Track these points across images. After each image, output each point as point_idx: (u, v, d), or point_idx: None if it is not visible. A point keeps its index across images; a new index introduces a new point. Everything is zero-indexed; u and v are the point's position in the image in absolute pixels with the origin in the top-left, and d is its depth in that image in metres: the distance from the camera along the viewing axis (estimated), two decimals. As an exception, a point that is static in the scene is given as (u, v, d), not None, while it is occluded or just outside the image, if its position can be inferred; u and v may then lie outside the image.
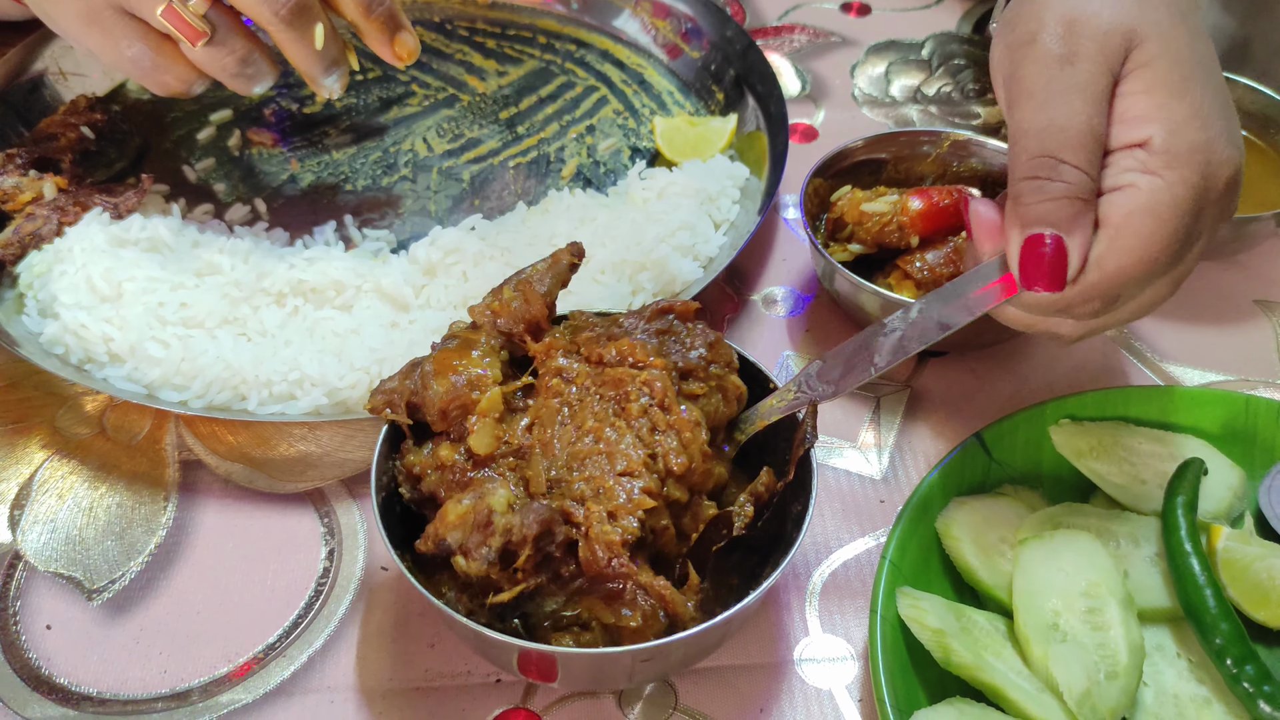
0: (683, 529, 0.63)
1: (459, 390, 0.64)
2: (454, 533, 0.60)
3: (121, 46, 0.84)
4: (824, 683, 0.70)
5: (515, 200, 1.02)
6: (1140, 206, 0.60)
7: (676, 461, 0.61)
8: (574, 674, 0.64)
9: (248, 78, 0.87)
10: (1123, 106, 0.62)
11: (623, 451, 0.61)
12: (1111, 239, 0.60)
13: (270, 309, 0.85)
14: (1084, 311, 0.63)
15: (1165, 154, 0.60)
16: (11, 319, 0.87)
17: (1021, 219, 0.61)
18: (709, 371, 0.66)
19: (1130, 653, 0.64)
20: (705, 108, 1.13)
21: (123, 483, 0.80)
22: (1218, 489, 0.74)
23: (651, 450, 0.62)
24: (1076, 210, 0.60)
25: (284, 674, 0.70)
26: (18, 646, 0.71)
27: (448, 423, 0.64)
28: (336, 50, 0.88)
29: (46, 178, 0.94)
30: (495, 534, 0.58)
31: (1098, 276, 0.61)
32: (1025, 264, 0.61)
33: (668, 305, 0.67)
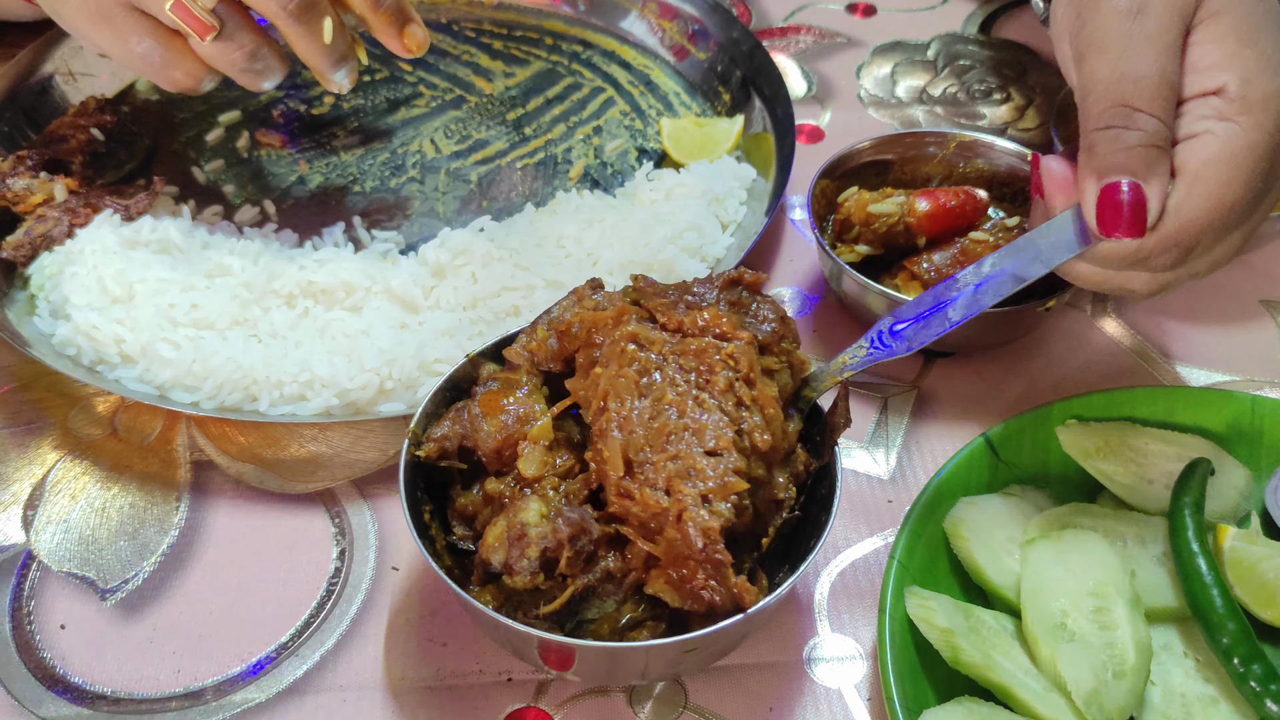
0: (758, 508, 0.61)
1: (510, 427, 0.64)
2: (495, 554, 0.60)
3: (131, 43, 0.85)
4: (833, 682, 0.70)
5: (523, 201, 1.02)
6: (1217, 153, 0.60)
7: (762, 439, 0.60)
8: (590, 664, 0.64)
9: (256, 73, 0.87)
10: (1195, 55, 0.63)
11: (711, 427, 0.59)
12: (1190, 186, 0.60)
13: (280, 310, 0.85)
14: (1161, 263, 0.63)
15: (1240, 101, 0.60)
16: (23, 320, 0.87)
17: (1097, 168, 0.61)
18: (780, 346, 0.65)
19: (1138, 652, 0.64)
20: (712, 109, 1.13)
21: (135, 483, 0.80)
22: (1224, 489, 0.75)
23: (738, 426, 0.60)
24: (1154, 158, 0.60)
25: (296, 673, 0.70)
26: (33, 646, 0.71)
27: (502, 461, 0.65)
28: (345, 45, 0.88)
29: (57, 179, 0.95)
30: (531, 544, 0.59)
31: (1176, 224, 0.60)
32: (1103, 212, 0.61)
33: (737, 275, 0.66)
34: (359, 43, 0.92)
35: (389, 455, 0.82)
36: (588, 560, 0.60)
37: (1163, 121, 0.61)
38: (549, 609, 0.60)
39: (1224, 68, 0.62)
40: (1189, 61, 0.63)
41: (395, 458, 0.82)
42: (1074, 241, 0.64)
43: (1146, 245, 0.61)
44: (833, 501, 0.63)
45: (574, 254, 0.90)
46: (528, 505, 0.61)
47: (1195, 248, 0.62)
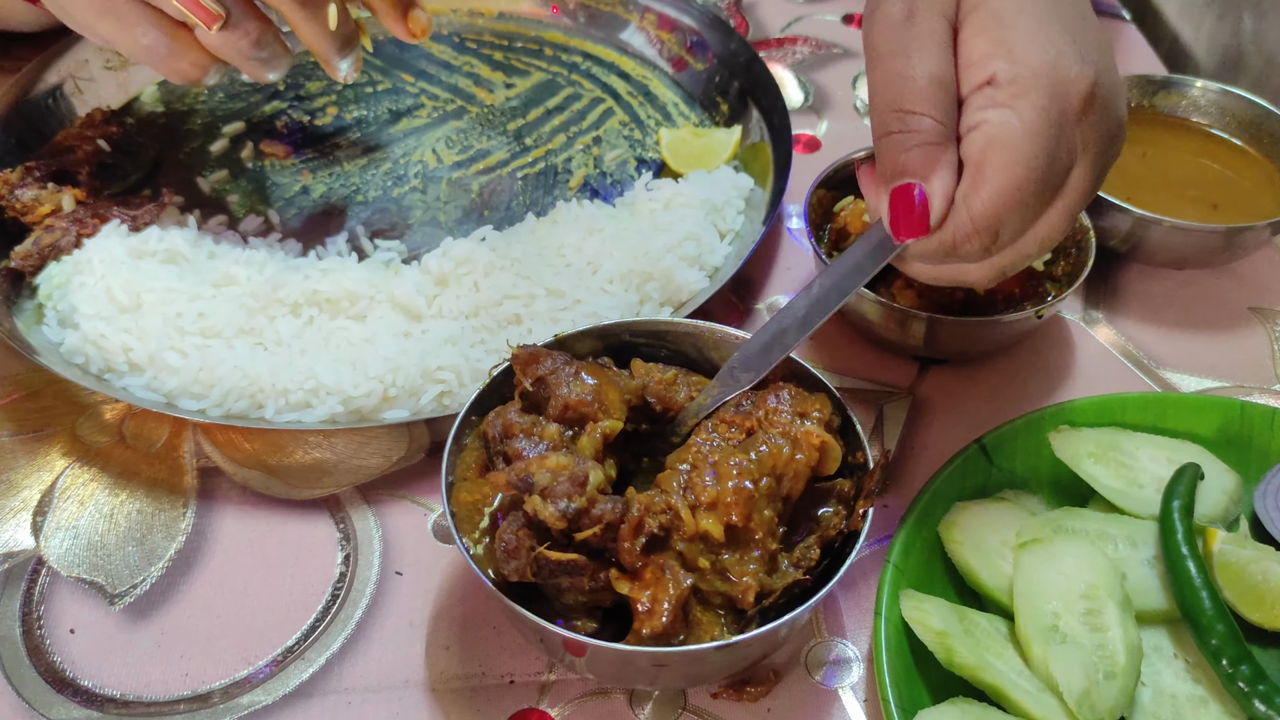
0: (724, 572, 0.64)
1: (592, 399, 0.67)
2: (544, 474, 0.62)
3: (136, 34, 0.86)
4: (830, 684, 0.71)
5: (524, 211, 1.03)
6: (992, 139, 0.61)
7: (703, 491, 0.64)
8: (601, 661, 0.65)
9: (262, 61, 0.88)
10: (965, 51, 0.64)
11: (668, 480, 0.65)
12: (973, 176, 0.61)
13: (286, 319, 0.86)
14: (970, 250, 0.63)
15: (1010, 85, 0.61)
16: (31, 329, 0.88)
17: (883, 174, 0.63)
18: (771, 421, 0.68)
19: (1128, 653, 0.65)
20: (710, 119, 1.15)
21: (142, 489, 0.82)
22: (1214, 493, 0.76)
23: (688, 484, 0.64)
24: (930, 156, 0.61)
25: (302, 676, 0.71)
26: (42, 650, 0.72)
27: (563, 416, 0.67)
28: (349, 30, 0.90)
29: (65, 190, 0.96)
30: (583, 496, 0.61)
31: (966, 215, 0.62)
32: (894, 216, 0.62)
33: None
34: (363, 30, 0.93)
35: (393, 461, 0.83)
36: (595, 552, 0.62)
37: (936, 120, 0.62)
38: (546, 551, 0.61)
39: (991, 56, 0.62)
40: (961, 58, 0.64)
41: (399, 464, 0.83)
42: (884, 247, 0.65)
43: (945, 239, 0.62)
44: (842, 563, 0.64)
45: (574, 263, 0.91)
46: (596, 467, 0.63)
47: (999, 231, 0.63)
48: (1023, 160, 0.60)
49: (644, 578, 0.62)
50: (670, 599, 0.61)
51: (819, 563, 0.66)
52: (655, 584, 0.61)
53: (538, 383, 0.68)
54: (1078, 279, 0.86)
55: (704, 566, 0.62)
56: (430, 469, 0.83)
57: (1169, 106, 1.07)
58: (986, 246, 0.63)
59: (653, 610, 0.61)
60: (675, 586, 0.61)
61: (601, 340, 0.75)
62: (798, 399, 0.69)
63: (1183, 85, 1.06)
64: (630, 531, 0.61)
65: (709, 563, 0.63)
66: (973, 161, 0.62)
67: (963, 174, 0.62)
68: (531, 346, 0.70)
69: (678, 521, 0.62)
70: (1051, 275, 0.90)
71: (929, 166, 0.61)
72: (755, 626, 0.62)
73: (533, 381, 0.69)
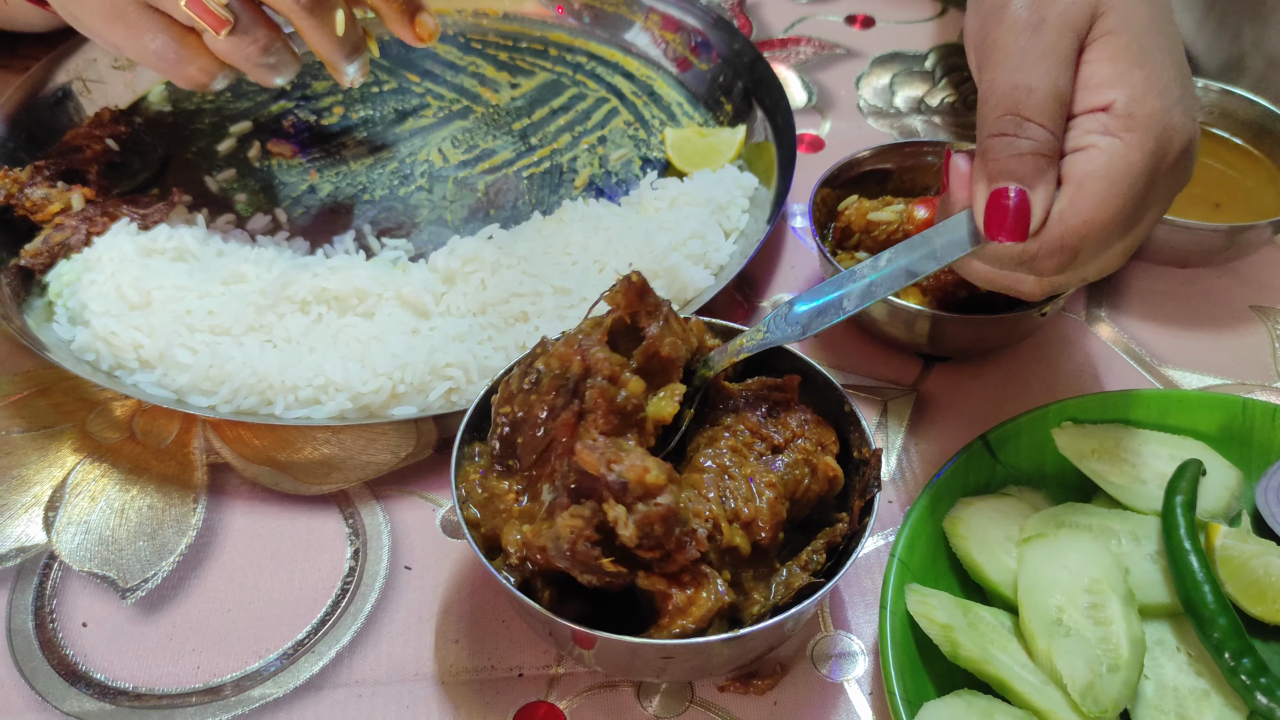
0: (741, 586, 0.64)
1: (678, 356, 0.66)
2: (639, 486, 0.58)
3: (145, 40, 0.87)
4: (836, 677, 0.72)
5: (529, 210, 1.04)
6: (1100, 166, 0.62)
7: (745, 508, 0.64)
8: (609, 654, 0.65)
9: (270, 67, 0.89)
10: (1087, 72, 0.65)
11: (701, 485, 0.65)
12: (1073, 195, 0.63)
13: (295, 316, 0.87)
14: (1046, 266, 0.65)
15: (1126, 118, 0.63)
16: (42, 326, 0.89)
17: (988, 173, 0.64)
18: (797, 446, 0.68)
19: (1131, 647, 0.66)
20: (714, 119, 1.15)
21: (153, 485, 0.82)
22: (1216, 489, 0.77)
23: (722, 494, 0.65)
24: (1040, 166, 0.63)
25: (313, 669, 0.72)
26: (55, 643, 0.73)
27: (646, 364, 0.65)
28: (357, 36, 0.91)
29: (74, 189, 0.97)
30: (672, 536, 0.58)
31: (1059, 230, 0.63)
32: (990, 215, 0.63)
33: (767, 383, 0.71)
34: (370, 35, 0.94)
35: (401, 457, 0.84)
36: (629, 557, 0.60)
37: (1051, 132, 0.63)
38: (614, 569, 0.59)
39: (1113, 85, 0.64)
40: (1081, 77, 0.66)
41: (407, 460, 0.84)
42: (966, 241, 0.66)
43: (1030, 249, 0.64)
44: (847, 559, 0.64)
45: (580, 261, 0.92)
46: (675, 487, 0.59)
47: (1079, 253, 0.64)
48: (1122, 193, 0.62)
49: (681, 579, 0.61)
50: (709, 608, 0.60)
51: (825, 564, 0.67)
52: (695, 586, 0.61)
53: (634, 318, 0.66)
54: (1081, 277, 0.86)
55: (725, 578, 0.63)
56: (438, 465, 0.84)
57: (1171, 106, 1.07)
58: (1064, 265, 0.65)
59: (688, 611, 0.60)
60: (714, 597, 0.60)
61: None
62: (816, 428, 0.70)
63: (1184, 85, 1.07)
64: (684, 553, 0.60)
65: (730, 575, 0.63)
66: (1074, 180, 0.63)
67: (1060, 189, 0.63)
68: (642, 278, 0.67)
69: (717, 533, 0.62)
70: (1054, 273, 0.90)
71: (1037, 176, 0.63)
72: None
73: (631, 315, 0.66)
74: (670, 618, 0.61)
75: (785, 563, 0.67)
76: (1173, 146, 0.64)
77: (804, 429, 0.69)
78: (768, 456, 0.68)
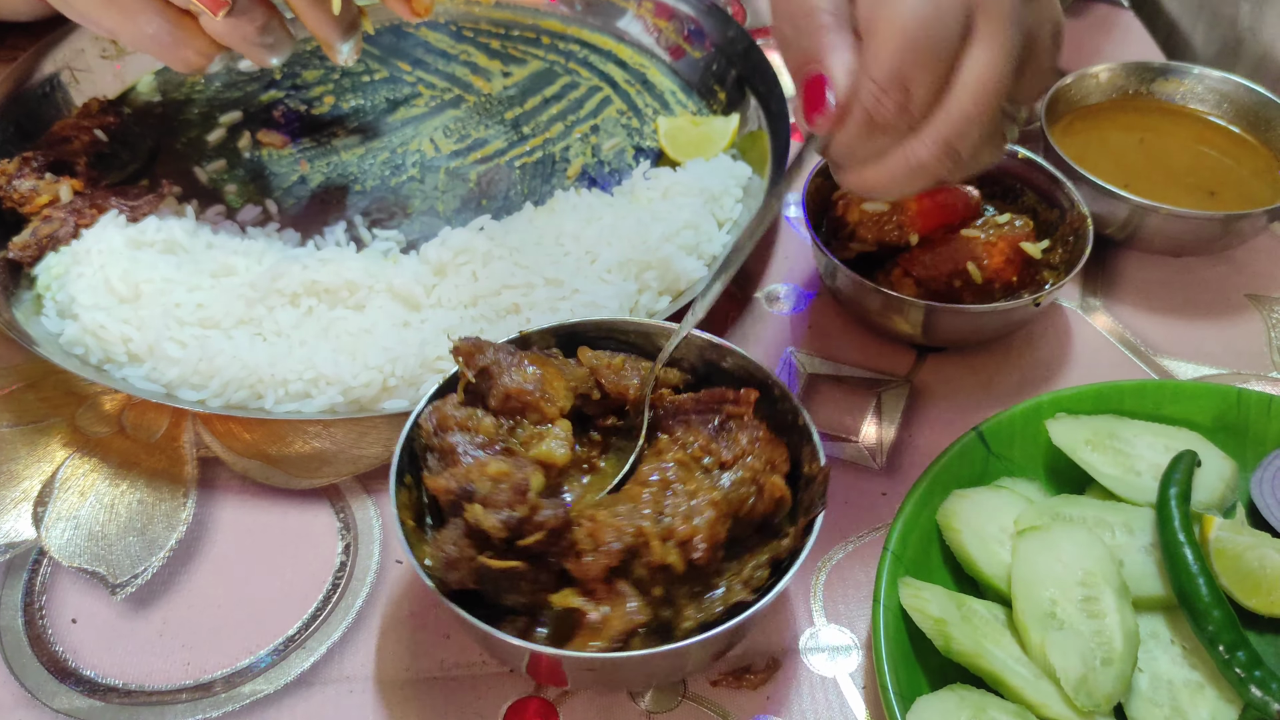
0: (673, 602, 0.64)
1: (534, 387, 0.67)
2: (485, 482, 0.61)
3: (140, 24, 0.86)
4: (828, 671, 0.72)
5: (522, 200, 1.03)
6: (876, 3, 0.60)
7: (682, 526, 0.63)
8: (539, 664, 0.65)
9: (267, 47, 0.89)
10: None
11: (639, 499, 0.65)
12: (869, 36, 0.61)
13: (285, 309, 0.86)
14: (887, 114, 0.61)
15: None
16: (30, 320, 0.88)
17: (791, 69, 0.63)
18: (746, 464, 0.67)
19: (1125, 640, 0.65)
20: (707, 107, 1.15)
21: (143, 480, 0.82)
22: (1210, 480, 0.76)
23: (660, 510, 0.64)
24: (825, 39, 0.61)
25: (304, 665, 0.72)
26: (44, 640, 0.73)
27: (504, 406, 0.67)
28: (352, 15, 0.90)
29: (62, 180, 0.96)
30: (525, 504, 0.61)
31: (868, 78, 0.60)
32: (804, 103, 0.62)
33: (721, 395, 0.71)
34: (364, 14, 0.93)
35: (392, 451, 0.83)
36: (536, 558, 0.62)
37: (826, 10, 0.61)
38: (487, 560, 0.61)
39: None
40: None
41: (399, 454, 0.84)
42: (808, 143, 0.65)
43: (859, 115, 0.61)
44: (781, 581, 0.64)
45: (573, 252, 0.91)
46: (536, 472, 0.63)
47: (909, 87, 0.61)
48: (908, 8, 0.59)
49: (596, 593, 0.62)
50: (620, 628, 0.61)
51: (767, 580, 0.66)
52: (610, 602, 0.61)
53: (481, 374, 0.68)
54: (1075, 266, 0.86)
55: (657, 594, 0.63)
56: (430, 458, 0.84)
57: (1167, 93, 1.07)
58: (902, 104, 0.61)
59: (601, 630, 0.61)
60: (626, 618, 0.61)
61: (561, 338, 0.75)
62: (767, 446, 0.69)
63: (1181, 72, 1.06)
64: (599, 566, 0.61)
65: (661, 591, 0.63)
66: (864, 31, 0.61)
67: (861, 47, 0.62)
68: (473, 339, 0.69)
69: (645, 550, 0.62)
70: (1049, 263, 0.90)
71: (823, 49, 0.61)
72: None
73: (476, 373, 0.68)
74: (584, 636, 0.61)
75: (728, 575, 0.66)
76: None
77: (754, 446, 0.68)
78: (715, 473, 0.67)
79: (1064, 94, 1.05)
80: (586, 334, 0.75)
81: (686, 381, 0.74)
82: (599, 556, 0.61)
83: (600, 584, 0.62)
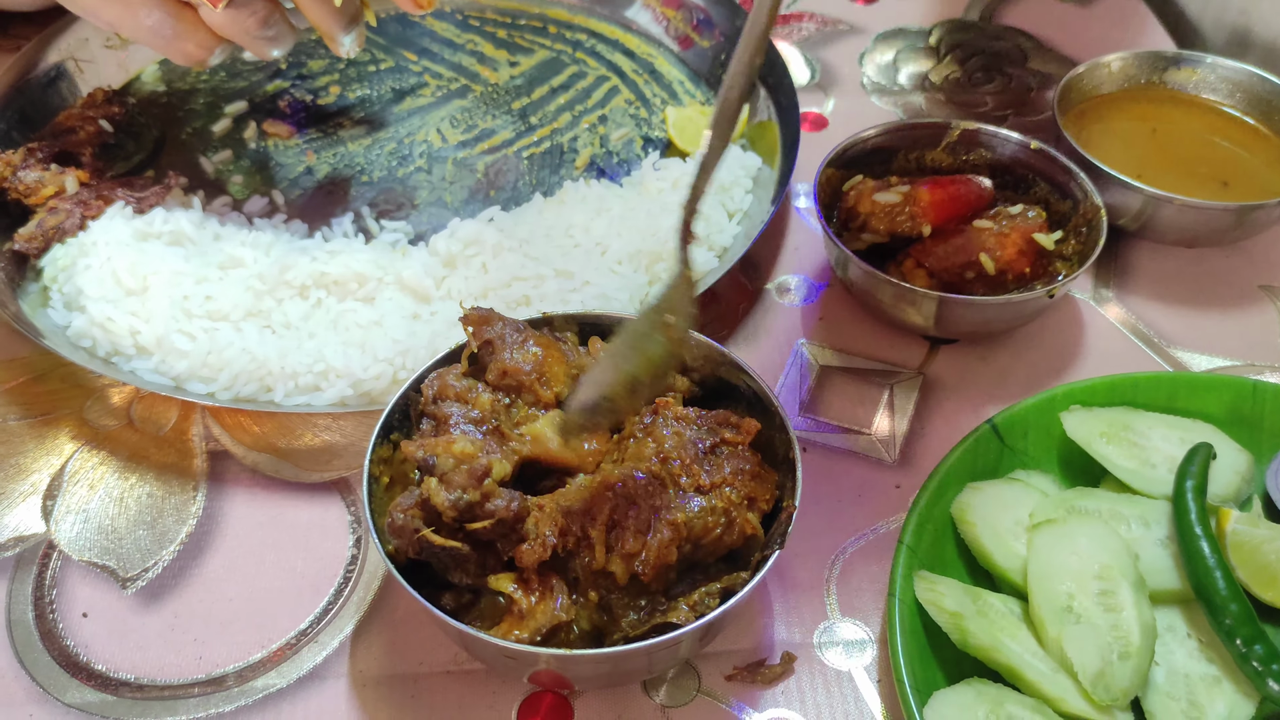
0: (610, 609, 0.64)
1: (531, 368, 0.68)
2: (447, 459, 0.62)
3: (140, 16, 0.85)
4: (843, 665, 0.71)
5: (530, 191, 1.03)
6: None
7: (633, 541, 0.63)
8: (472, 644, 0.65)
9: (268, 39, 0.88)
10: None
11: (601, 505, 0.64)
12: None
13: (294, 301, 0.86)
14: None
15: None
16: (37, 312, 0.88)
17: None
18: (723, 494, 0.65)
19: (1142, 633, 0.65)
20: (716, 97, 1.14)
21: (152, 473, 0.81)
22: (1226, 473, 0.76)
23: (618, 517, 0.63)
24: None
25: (316, 659, 0.71)
26: (55, 634, 0.72)
27: (500, 381, 0.68)
28: (354, 7, 0.89)
29: (68, 172, 0.95)
30: (478, 490, 0.61)
31: None
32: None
33: (724, 418, 0.69)
34: (367, 5, 0.93)
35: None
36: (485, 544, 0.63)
37: None
38: (428, 534, 0.61)
39: None
40: None
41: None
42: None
43: None
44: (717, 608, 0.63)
45: (583, 244, 0.91)
46: (502, 461, 0.63)
47: None
48: None
49: (530, 583, 0.62)
50: (542, 622, 0.61)
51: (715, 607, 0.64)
52: (539, 595, 0.62)
53: (485, 346, 0.68)
54: (1089, 258, 0.85)
55: (592, 599, 0.63)
56: (440, 451, 0.83)
57: (1179, 83, 1.06)
58: None
59: (525, 621, 0.61)
60: (550, 614, 0.61)
61: (585, 327, 0.75)
62: (752, 481, 0.67)
63: (1193, 61, 1.05)
64: (533, 555, 0.61)
65: (598, 596, 0.63)
66: None
67: None
68: (486, 309, 0.70)
69: (589, 554, 0.62)
70: (1062, 254, 0.89)
71: None
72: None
73: (480, 344, 0.68)
74: (512, 622, 0.62)
75: (680, 598, 0.64)
76: None
77: (737, 479, 0.66)
78: (689, 495, 0.65)
79: (1076, 84, 1.04)
80: (610, 328, 0.74)
81: (693, 394, 0.73)
82: (534, 546, 0.61)
83: (534, 574, 0.62)
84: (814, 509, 0.79)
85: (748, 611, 0.74)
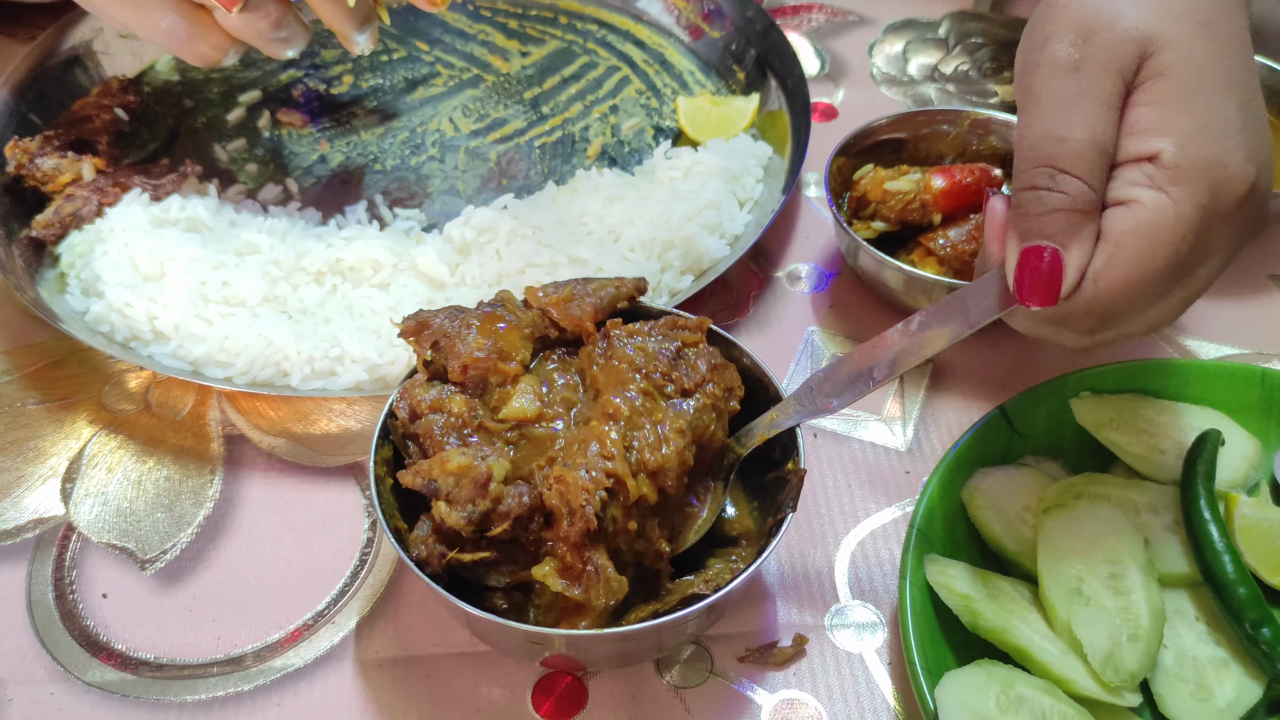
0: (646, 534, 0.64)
1: (489, 353, 0.67)
2: (448, 479, 0.61)
3: (155, 18, 0.86)
4: (854, 647, 0.72)
5: (542, 180, 1.03)
6: (1140, 224, 0.58)
7: (651, 457, 0.63)
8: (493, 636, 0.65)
9: (282, 41, 0.89)
10: (1133, 117, 0.60)
11: (607, 437, 0.63)
12: (1110, 255, 0.59)
13: (310, 287, 0.87)
14: (1081, 327, 0.62)
15: (1173, 170, 0.58)
16: (54, 298, 0.89)
17: (1020, 231, 0.60)
18: (707, 391, 0.67)
19: (1151, 616, 0.66)
20: (726, 87, 1.14)
21: (169, 457, 0.82)
22: (1234, 459, 0.76)
23: (629, 444, 0.63)
24: (1074, 223, 0.59)
25: (334, 639, 0.72)
26: (76, 615, 0.73)
27: (463, 377, 0.67)
28: (368, 7, 0.90)
29: (85, 159, 0.96)
30: (486, 498, 0.61)
31: (1093, 293, 0.59)
32: (1021, 277, 0.60)
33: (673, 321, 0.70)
34: (380, 4, 0.93)
35: (417, 429, 0.84)
36: (510, 543, 0.63)
37: (1088, 185, 0.59)
38: (457, 557, 0.61)
39: (1160, 132, 0.59)
40: (1127, 123, 0.61)
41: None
42: (997, 304, 0.62)
43: (1062, 310, 0.60)
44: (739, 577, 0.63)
45: (596, 231, 0.92)
46: (499, 460, 0.62)
47: (1116, 316, 0.61)
48: (1164, 253, 0.58)
49: (572, 568, 0.61)
50: (605, 606, 0.61)
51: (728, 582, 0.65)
52: (585, 587, 0.61)
53: (435, 348, 0.68)
54: (1099, 246, 0.86)
55: (632, 528, 0.62)
56: (454, 436, 0.84)
57: (1189, 73, 1.06)
58: (1099, 326, 0.61)
59: (584, 611, 0.62)
60: (607, 593, 0.61)
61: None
62: (723, 371, 0.68)
63: (1203, 52, 1.06)
64: (578, 531, 0.60)
65: (636, 525, 0.63)
66: (1112, 239, 0.59)
67: (1098, 247, 0.59)
68: (415, 315, 0.69)
69: (622, 489, 0.61)
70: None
71: (1070, 234, 0.59)
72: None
73: (430, 348, 0.68)
74: (570, 619, 0.62)
75: (695, 574, 0.66)
76: (1228, 194, 0.59)
77: (714, 373, 0.68)
78: (677, 400, 0.66)
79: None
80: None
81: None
82: (576, 521, 0.60)
83: (573, 552, 0.61)
84: (825, 494, 0.80)
85: (759, 593, 0.75)
